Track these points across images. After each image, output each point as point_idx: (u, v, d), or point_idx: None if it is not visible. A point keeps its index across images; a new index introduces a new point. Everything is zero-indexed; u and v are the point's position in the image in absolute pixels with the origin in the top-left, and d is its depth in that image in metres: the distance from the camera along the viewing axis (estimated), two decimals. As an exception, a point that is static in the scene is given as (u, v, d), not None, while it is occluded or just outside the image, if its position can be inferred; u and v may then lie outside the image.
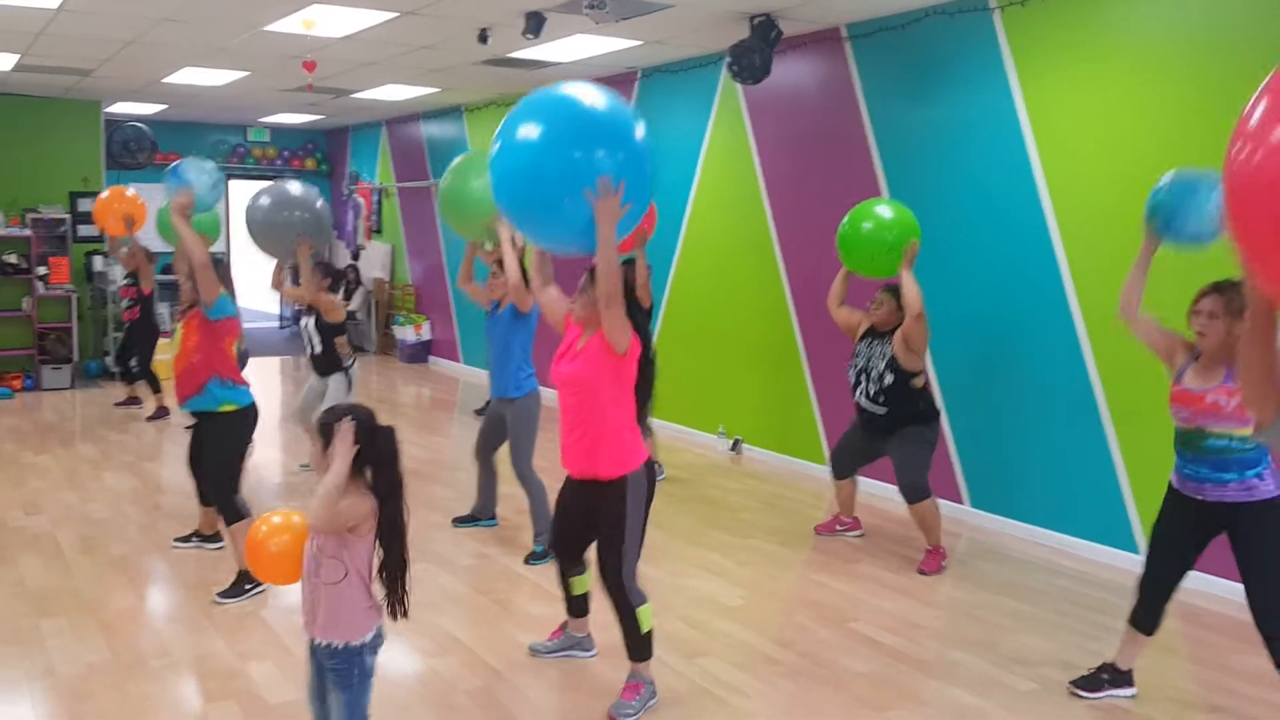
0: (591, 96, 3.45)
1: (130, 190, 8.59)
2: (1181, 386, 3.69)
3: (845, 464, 5.74)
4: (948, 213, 6.25)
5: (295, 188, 6.14)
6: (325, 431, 2.80)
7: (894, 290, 5.36)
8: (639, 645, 3.76)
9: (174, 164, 5.98)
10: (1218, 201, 3.56)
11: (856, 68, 6.86)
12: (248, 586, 4.79)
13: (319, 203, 6.13)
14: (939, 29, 6.26)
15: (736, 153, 7.85)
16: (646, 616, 3.74)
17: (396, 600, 2.83)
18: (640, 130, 3.51)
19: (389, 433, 2.83)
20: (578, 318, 3.73)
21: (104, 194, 8.49)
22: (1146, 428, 5.20)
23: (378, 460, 2.81)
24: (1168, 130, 5.14)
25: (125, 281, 9.21)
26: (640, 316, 6.62)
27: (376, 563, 2.84)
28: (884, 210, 5.42)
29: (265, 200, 6.02)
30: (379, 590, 2.84)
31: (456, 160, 5.48)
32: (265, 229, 5.99)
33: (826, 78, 7.09)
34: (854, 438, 5.65)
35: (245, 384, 4.99)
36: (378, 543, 2.83)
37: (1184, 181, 3.76)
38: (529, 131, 3.36)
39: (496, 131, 3.50)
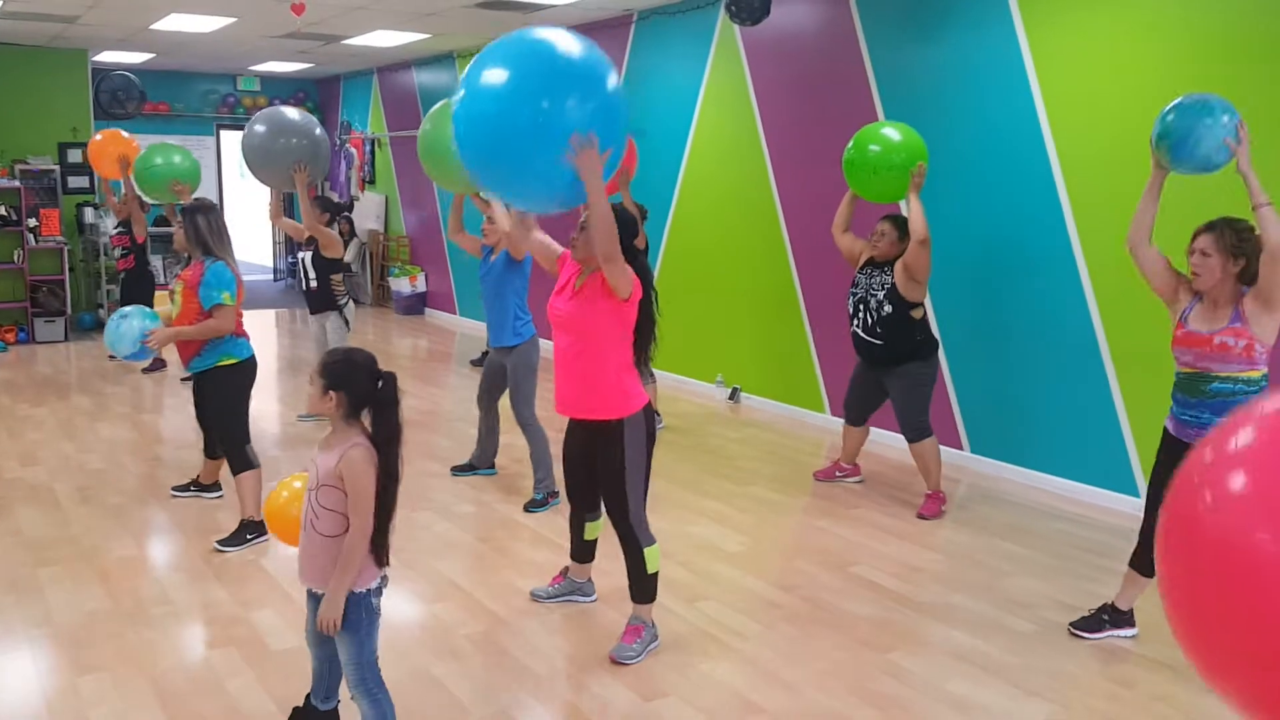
0: (562, 41, 3.25)
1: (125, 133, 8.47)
2: (1186, 329, 3.64)
3: (859, 410, 5.70)
4: (950, 156, 6.17)
5: (292, 114, 5.99)
6: (325, 373, 2.77)
7: (895, 220, 5.30)
8: (644, 586, 3.76)
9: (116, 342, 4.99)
10: (1227, 124, 3.51)
11: (857, 8, 6.73)
12: (249, 535, 4.77)
13: (317, 130, 5.99)
14: (941, -33, 6.14)
15: (735, 97, 7.74)
16: (654, 558, 3.74)
17: (380, 548, 2.80)
18: (612, 77, 3.33)
19: (390, 378, 2.79)
20: (577, 257, 3.67)
21: (97, 137, 8.37)
22: (1148, 371, 5.17)
23: (379, 405, 2.78)
24: (1171, 71, 5.06)
25: (117, 230, 9.06)
26: (638, 256, 6.54)
27: None
28: (891, 133, 5.27)
29: (261, 128, 5.86)
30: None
31: (436, 106, 5.23)
32: (262, 156, 5.85)
33: (827, 18, 6.97)
34: (861, 379, 5.61)
35: (245, 336, 4.94)
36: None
37: (1191, 104, 3.65)
38: (495, 79, 3.13)
39: (461, 79, 3.28)
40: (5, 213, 10.33)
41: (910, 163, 5.15)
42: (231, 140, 14.61)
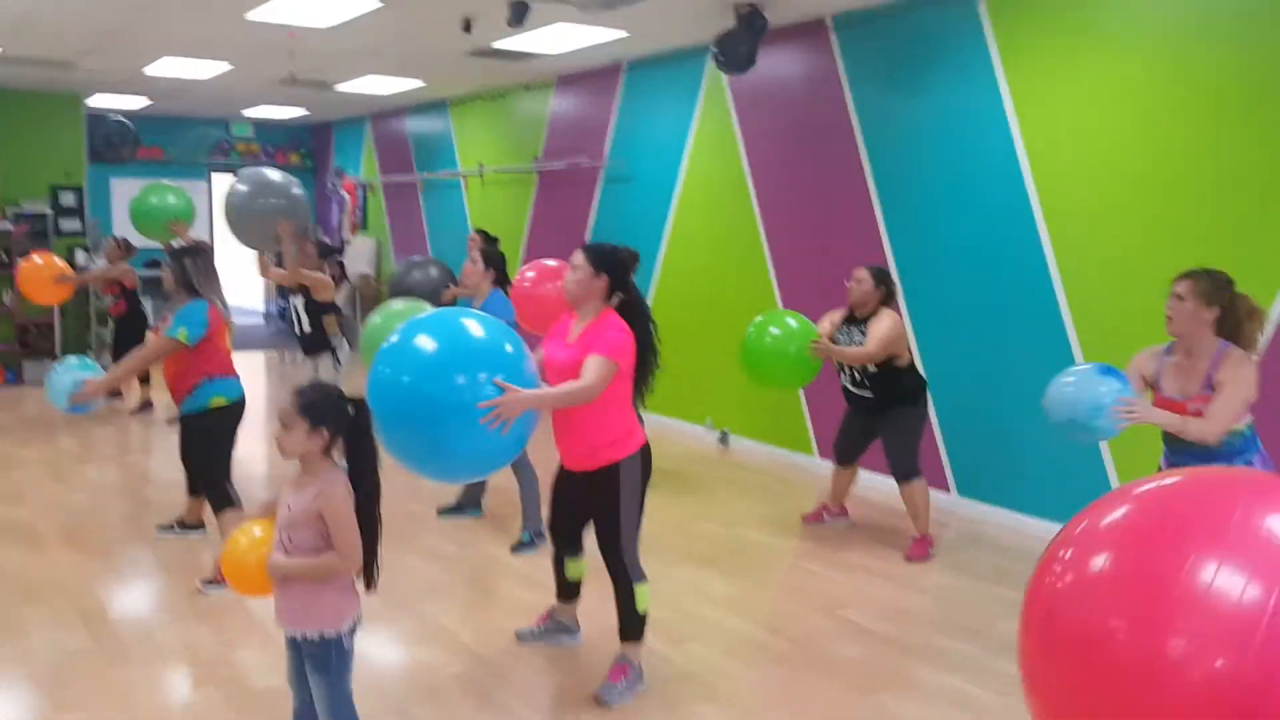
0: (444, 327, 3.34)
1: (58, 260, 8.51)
2: (1163, 395, 3.68)
3: (848, 451, 5.71)
4: (933, 203, 6.25)
5: (273, 174, 6.09)
6: (308, 412, 2.75)
7: (873, 270, 5.33)
8: (632, 624, 3.74)
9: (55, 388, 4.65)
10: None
11: (842, 58, 6.84)
12: (232, 575, 4.74)
13: (295, 188, 6.09)
14: (924, 19, 6.25)
15: (722, 144, 7.83)
16: (644, 596, 3.73)
17: (370, 571, 2.81)
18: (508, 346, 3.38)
19: (363, 404, 2.80)
20: (570, 296, 3.69)
21: (36, 259, 8.43)
22: (1133, 414, 5.19)
23: (355, 433, 2.78)
24: (1153, 119, 5.15)
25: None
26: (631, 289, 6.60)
27: None
28: (782, 325, 5.29)
29: (243, 188, 5.98)
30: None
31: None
32: (244, 217, 5.93)
33: (812, 68, 7.08)
34: (851, 423, 5.63)
35: (235, 375, 4.92)
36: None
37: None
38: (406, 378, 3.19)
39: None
40: (-4, 254, 10.35)
41: (803, 349, 5.18)
42: (224, 184, 14.70)
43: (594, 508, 3.72)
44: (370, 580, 2.83)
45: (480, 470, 3.57)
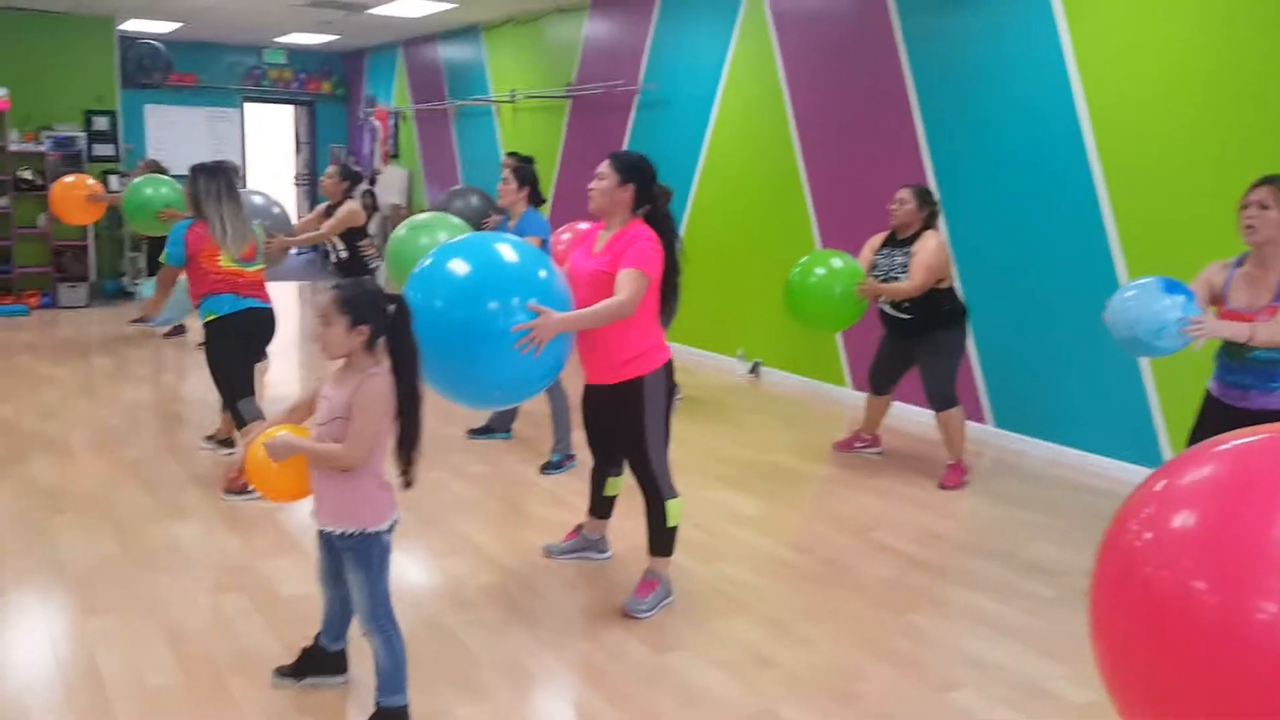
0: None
1: (90, 180, 8.71)
2: (1228, 307, 3.54)
3: (884, 379, 5.60)
4: (979, 122, 6.06)
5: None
6: (349, 308, 2.68)
7: (916, 189, 5.20)
8: (662, 539, 3.71)
9: None
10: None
11: (886, -25, 6.62)
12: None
13: (257, 199, 6.76)
14: (974, -68, 6.03)
15: (761, 65, 7.63)
16: (676, 511, 3.69)
17: (407, 469, 2.75)
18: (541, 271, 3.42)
19: (402, 300, 2.74)
20: (596, 206, 3.62)
21: (68, 178, 8.61)
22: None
23: (395, 330, 2.73)
24: (1207, 32, 4.94)
25: None
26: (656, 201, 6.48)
27: (390, 440, 2.76)
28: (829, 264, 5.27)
29: None
30: (391, 467, 2.77)
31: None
32: None
33: (855, -14, 6.85)
34: (887, 350, 5.52)
35: (230, 292, 4.80)
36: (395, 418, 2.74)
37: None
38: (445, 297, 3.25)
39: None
40: (31, 177, 10.36)
41: (849, 290, 5.13)
42: (256, 113, 14.64)
43: (618, 423, 3.68)
44: (407, 478, 2.76)
45: (517, 396, 3.58)
